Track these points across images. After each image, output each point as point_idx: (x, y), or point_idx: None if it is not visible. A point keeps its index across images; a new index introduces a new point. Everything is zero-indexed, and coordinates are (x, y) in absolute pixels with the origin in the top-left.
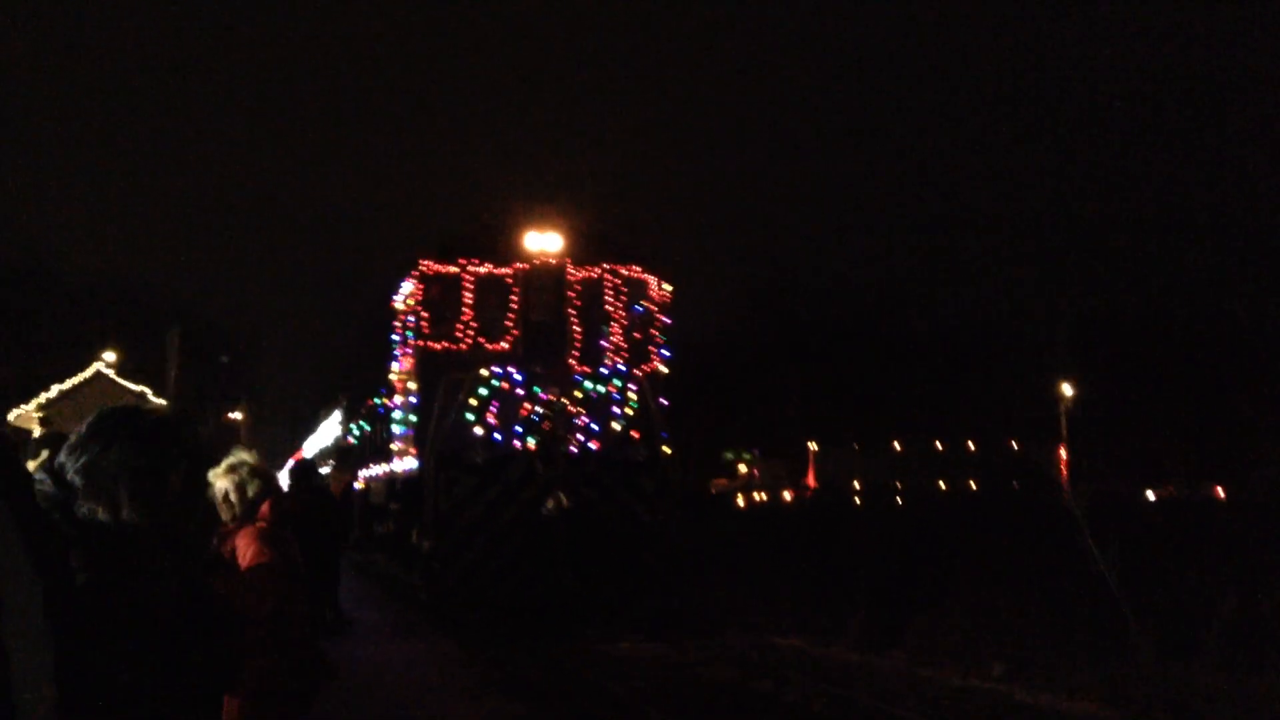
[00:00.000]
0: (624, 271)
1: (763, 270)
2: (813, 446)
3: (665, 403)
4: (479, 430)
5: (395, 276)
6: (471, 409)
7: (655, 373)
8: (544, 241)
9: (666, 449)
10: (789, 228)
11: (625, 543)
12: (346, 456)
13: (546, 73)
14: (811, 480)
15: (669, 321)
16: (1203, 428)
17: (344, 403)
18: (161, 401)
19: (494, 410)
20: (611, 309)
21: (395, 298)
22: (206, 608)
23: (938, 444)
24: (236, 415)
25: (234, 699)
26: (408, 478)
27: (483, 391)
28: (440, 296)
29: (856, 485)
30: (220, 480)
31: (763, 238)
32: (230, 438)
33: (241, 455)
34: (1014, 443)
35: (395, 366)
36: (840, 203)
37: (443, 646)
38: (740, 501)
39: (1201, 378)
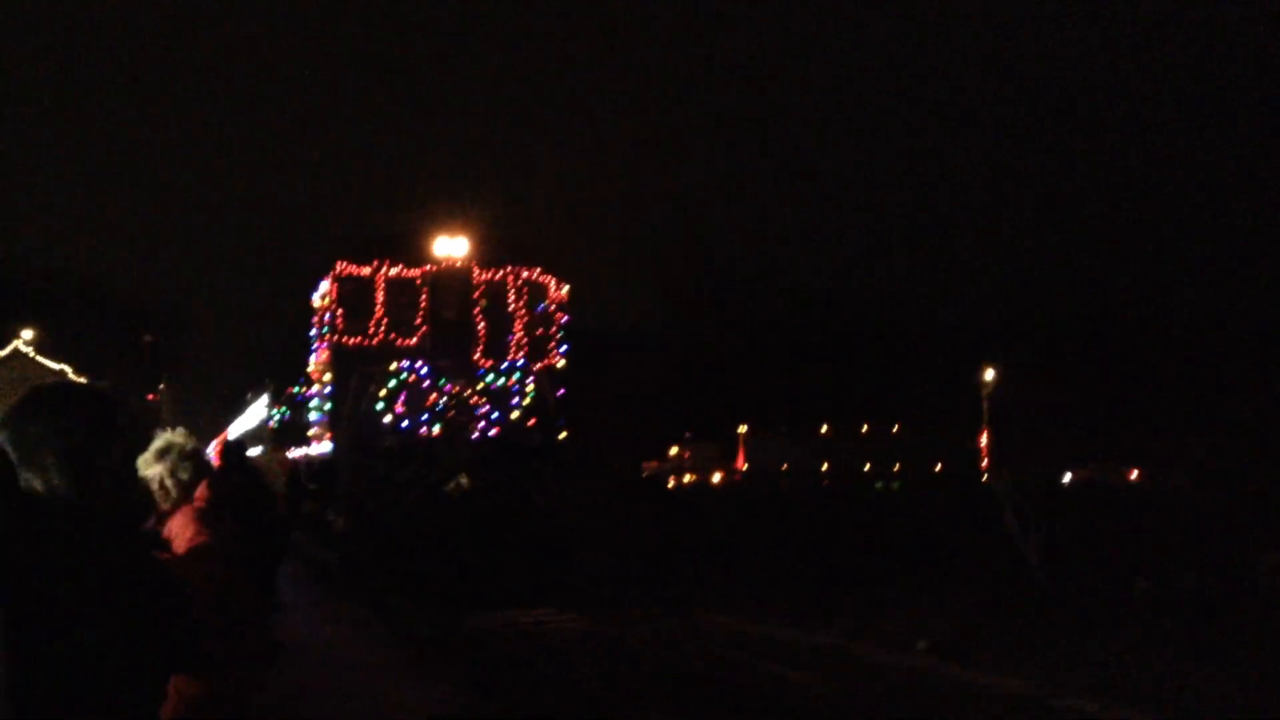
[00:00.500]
0: (526, 274)
1: (697, 260)
2: (743, 430)
3: (563, 392)
4: (388, 418)
5: (314, 275)
6: (382, 399)
7: (553, 366)
8: (452, 246)
9: (563, 434)
10: (724, 219)
11: (521, 521)
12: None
13: (474, 77)
14: (742, 463)
15: (567, 319)
16: (1121, 414)
17: (271, 387)
18: (82, 380)
19: (403, 400)
20: (513, 308)
21: (314, 295)
22: (157, 585)
23: (864, 428)
24: (157, 394)
25: (180, 680)
26: (323, 461)
27: (392, 383)
28: (354, 295)
29: (785, 467)
30: (153, 466)
31: (698, 228)
32: (151, 417)
33: (171, 438)
34: (936, 425)
35: (313, 358)
36: (776, 194)
37: (373, 627)
38: (670, 483)
39: (1120, 367)
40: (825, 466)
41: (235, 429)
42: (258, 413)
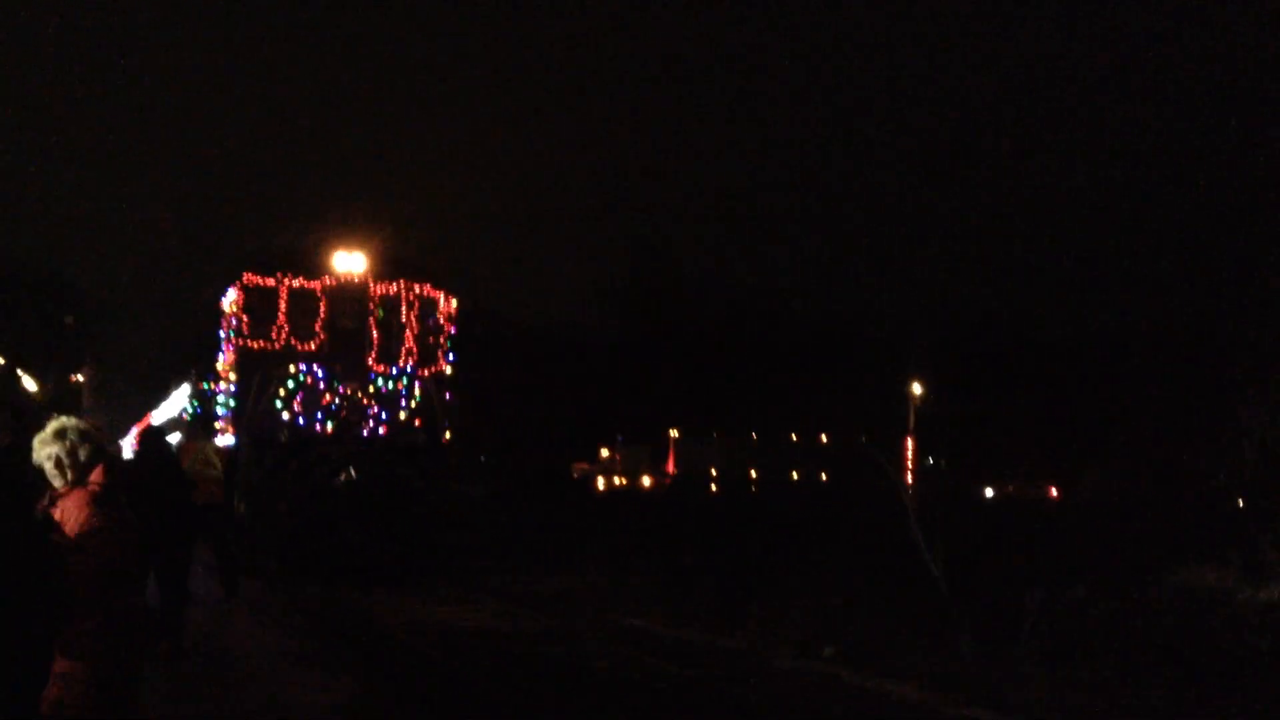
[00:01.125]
0: (418, 288)
1: (627, 262)
2: (674, 434)
3: (450, 396)
4: (286, 415)
5: (223, 282)
6: (280, 398)
7: (440, 373)
8: (350, 261)
9: (448, 435)
10: (655, 222)
11: (400, 509)
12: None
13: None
14: (671, 467)
15: (455, 330)
16: (1044, 430)
17: (192, 376)
18: None
19: (299, 399)
20: (405, 319)
21: (222, 300)
22: (40, 555)
23: (793, 436)
24: (80, 377)
25: (65, 660)
26: (228, 451)
27: (290, 384)
28: (259, 303)
29: (714, 473)
30: (49, 445)
31: (628, 231)
32: (73, 400)
33: (67, 420)
34: (863, 437)
35: (220, 358)
36: (707, 199)
37: (276, 617)
38: (600, 485)
39: (1045, 383)
40: (754, 473)
41: (157, 416)
42: (179, 402)
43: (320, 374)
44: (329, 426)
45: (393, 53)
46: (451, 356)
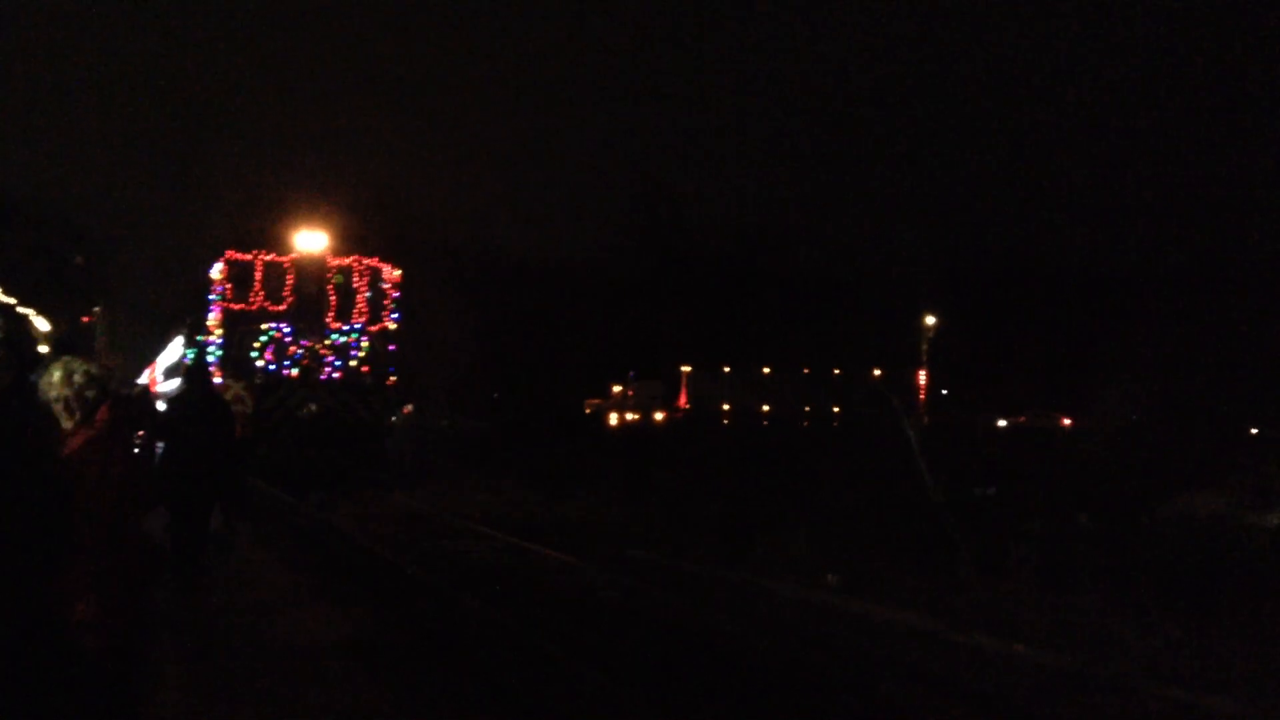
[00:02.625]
0: (367, 261)
1: (643, 200)
2: (686, 369)
3: (394, 347)
4: (260, 363)
5: (211, 258)
6: (256, 349)
7: (385, 330)
8: (312, 239)
9: (393, 378)
10: (671, 159)
11: (352, 434)
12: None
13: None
14: (684, 402)
15: (398, 295)
16: (1057, 361)
17: (187, 327)
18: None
19: (270, 351)
20: (357, 286)
21: (211, 271)
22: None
23: (805, 370)
24: (93, 317)
25: (72, 592)
26: (256, 390)
27: (264, 339)
28: (240, 275)
29: (725, 407)
30: (55, 388)
31: (637, 167)
32: (86, 340)
33: (73, 362)
34: (876, 370)
35: (210, 316)
36: (723, 137)
37: (278, 545)
38: (613, 420)
39: (1058, 314)
40: (766, 408)
41: (161, 361)
42: (176, 351)
43: (288, 330)
44: (294, 372)
45: None
46: (396, 316)
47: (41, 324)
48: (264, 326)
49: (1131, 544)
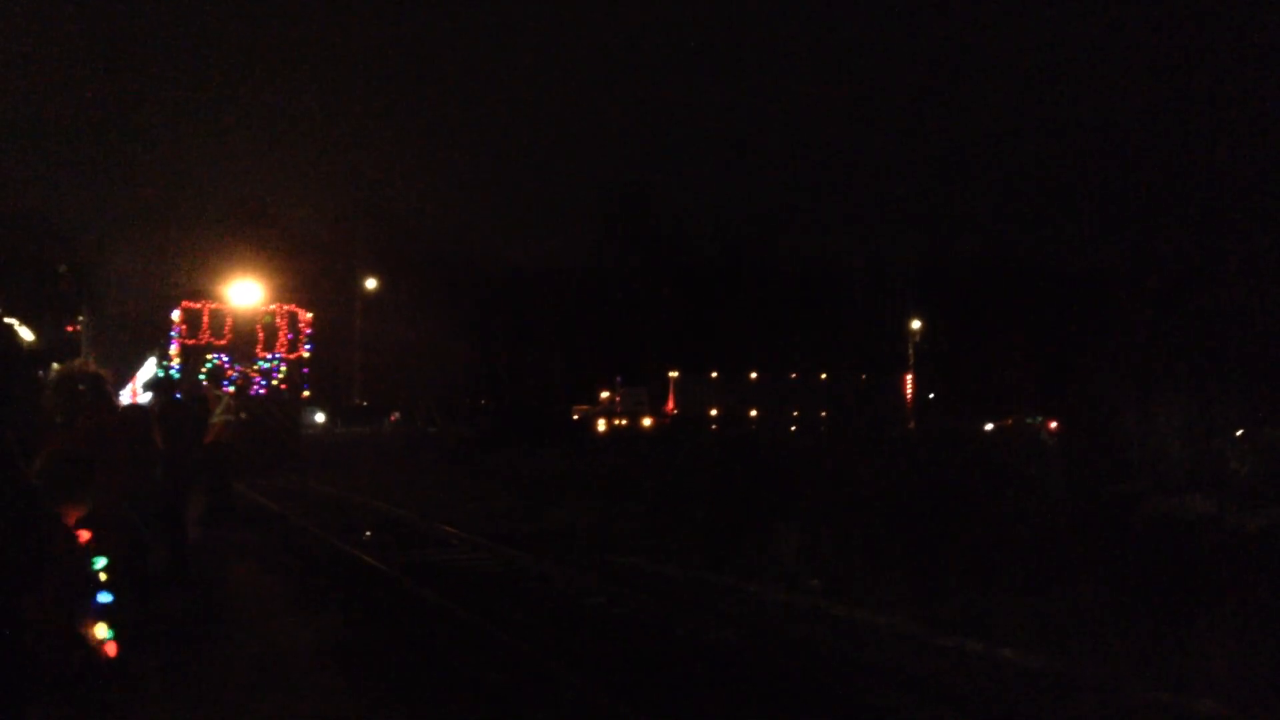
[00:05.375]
0: (287, 307)
1: (628, 205)
2: (673, 374)
3: (306, 370)
4: (206, 383)
5: (170, 304)
6: (204, 373)
7: (300, 358)
8: (248, 290)
9: (306, 394)
10: (656, 164)
11: (272, 435)
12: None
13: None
14: (671, 407)
15: (310, 332)
16: (1043, 365)
17: (156, 355)
18: None
19: (214, 373)
20: (279, 326)
21: (171, 315)
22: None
23: (793, 375)
24: (78, 326)
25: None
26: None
27: (209, 365)
28: (192, 318)
29: (713, 412)
30: (50, 391)
31: (629, 173)
32: (71, 350)
33: (70, 366)
34: (863, 375)
35: (171, 348)
36: (707, 138)
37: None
38: (601, 426)
39: (1044, 318)
40: (754, 412)
41: (140, 375)
42: (150, 369)
43: (226, 359)
44: (231, 389)
45: None
46: (309, 347)
47: (25, 333)
48: (209, 355)
49: (1118, 545)
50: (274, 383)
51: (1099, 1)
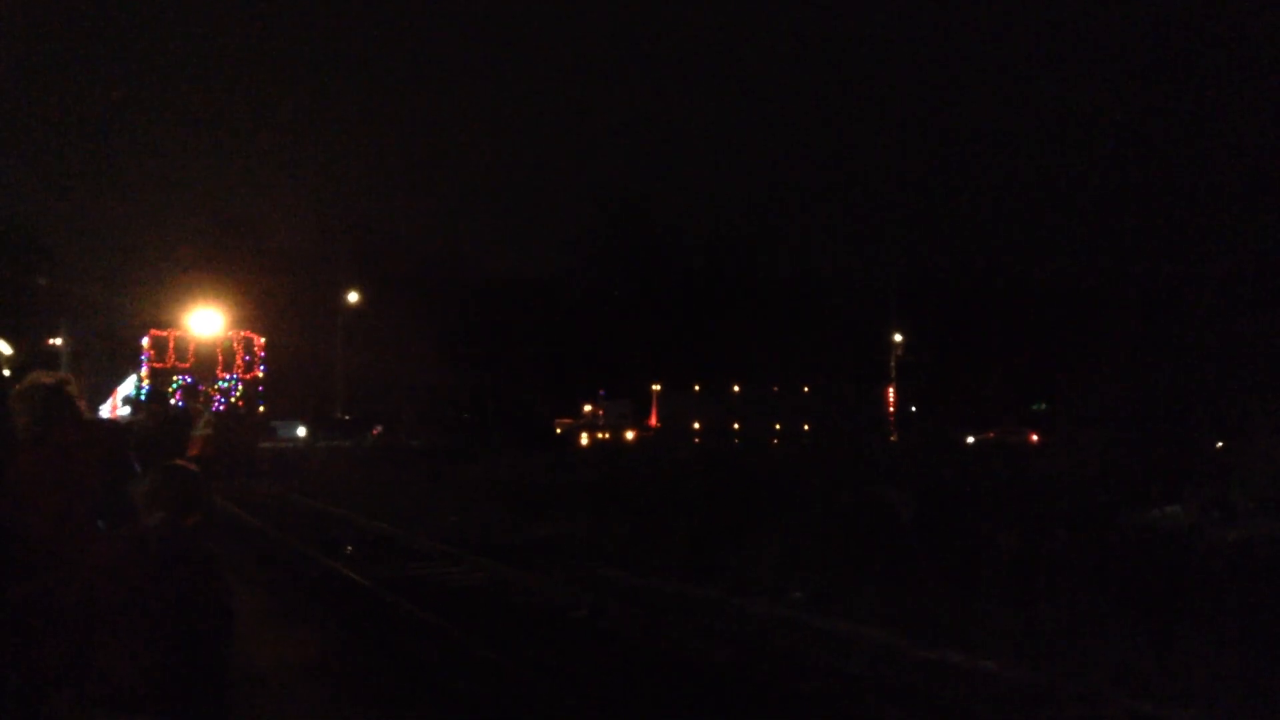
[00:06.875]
0: (245, 334)
1: (612, 218)
2: (656, 388)
3: (261, 388)
4: (173, 401)
5: (141, 332)
6: (170, 391)
7: (256, 378)
8: (209, 319)
9: (262, 409)
10: (640, 178)
11: (231, 446)
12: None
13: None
14: (654, 420)
15: (264, 354)
16: (1025, 378)
17: (131, 375)
18: None
19: (179, 392)
20: (236, 349)
21: (143, 341)
22: None
23: (775, 388)
24: (57, 341)
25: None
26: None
27: (175, 384)
28: (160, 344)
29: (696, 426)
30: (19, 402)
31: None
32: (50, 364)
33: (36, 379)
34: (845, 388)
35: (142, 370)
36: (691, 154)
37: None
38: (584, 439)
39: (1026, 332)
40: (736, 425)
41: (120, 391)
42: (128, 387)
43: (190, 379)
44: (196, 404)
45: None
46: (263, 369)
47: (3, 346)
48: (175, 376)
49: (1098, 557)
50: (232, 400)
51: (1073, 25)
